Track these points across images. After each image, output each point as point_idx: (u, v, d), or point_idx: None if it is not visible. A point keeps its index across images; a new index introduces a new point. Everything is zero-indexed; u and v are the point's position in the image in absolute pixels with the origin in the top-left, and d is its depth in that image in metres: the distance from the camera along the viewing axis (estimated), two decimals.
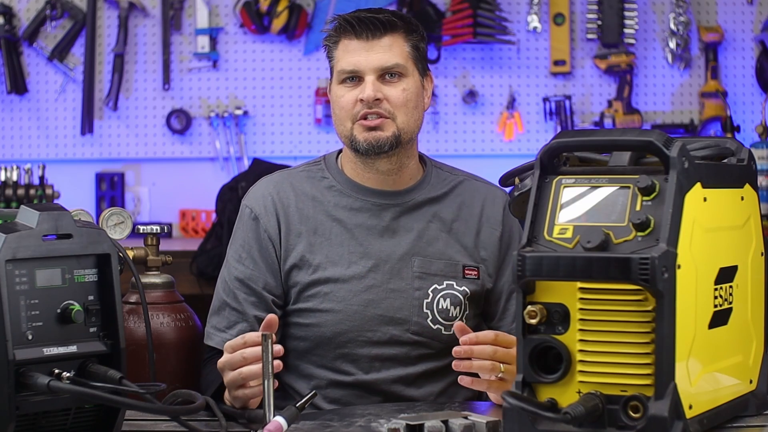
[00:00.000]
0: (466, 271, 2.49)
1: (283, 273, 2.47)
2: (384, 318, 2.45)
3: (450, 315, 2.47)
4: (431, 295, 2.47)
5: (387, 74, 2.43)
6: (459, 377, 2.19)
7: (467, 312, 2.49)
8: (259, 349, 2.10)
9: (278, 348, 2.09)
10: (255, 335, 2.15)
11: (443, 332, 2.46)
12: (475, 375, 2.19)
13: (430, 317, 2.46)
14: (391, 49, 2.43)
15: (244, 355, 2.14)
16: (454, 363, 2.18)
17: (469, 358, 2.18)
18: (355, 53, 2.43)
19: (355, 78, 2.44)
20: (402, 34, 2.45)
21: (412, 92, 2.45)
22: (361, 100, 2.41)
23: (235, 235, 2.52)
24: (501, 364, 2.17)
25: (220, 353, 2.37)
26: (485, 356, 2.16)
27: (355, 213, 2.49)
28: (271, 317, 2.12)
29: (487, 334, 2.18)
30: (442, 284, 2.48)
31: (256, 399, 2.18)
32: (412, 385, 2.48)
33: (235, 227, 2.53)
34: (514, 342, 2.14)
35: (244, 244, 2.49)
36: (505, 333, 2.22)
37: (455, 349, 2.17)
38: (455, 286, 2.48)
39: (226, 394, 2.24)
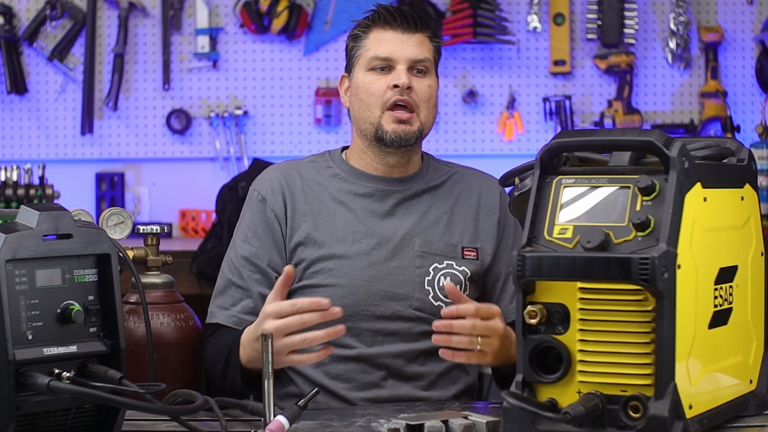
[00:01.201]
0: (465, 252, 2.55)
1: (288, 251, 2.53)
2: (387, 293, 2.50)
3: None
4: (432, 273, 2.52)
5: (416, 68, 2.53)
6: (440, 351, 2.24)
7: (467, 292, 2.53)
8: (315, 314, 2.19)
9: (338, 309, 2.20)
10: (306, 301, 2.22)
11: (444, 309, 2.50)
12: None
13: (432, 294, 2.51)
14: (421, 45, 2.54)
15: (303, 320, 2.20)
16: (433, 337, 2.23)
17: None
18: (389, 42, 2.53)
19: (385, 67, 2.52)
20: (430, 34, 2.57)
21: (434, 89, 2.56)
22: (395, 86, 2.50)
23: (243, 217, 2.58)
24: (479, 337, 2.22)
25: (220, 329, 2.48)
26: (465, 331, 2.22)
27: (359, 198, 2.56)
28: (289, 268, 2.24)
29: (468, 307, 2.24)
30: (443, 263, 2.53)
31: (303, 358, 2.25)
32: (415, 361, 2.51)
33: (243, 211, 2.59)
34: (496, 313, 2.25)
35: (250, 225, 2.55)
36: (488, 305, 2.30)
37: (435, 323, 2.23)
38: (455, 266, 2.54)
39: (243, 352, 2.32)
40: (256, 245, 2.52)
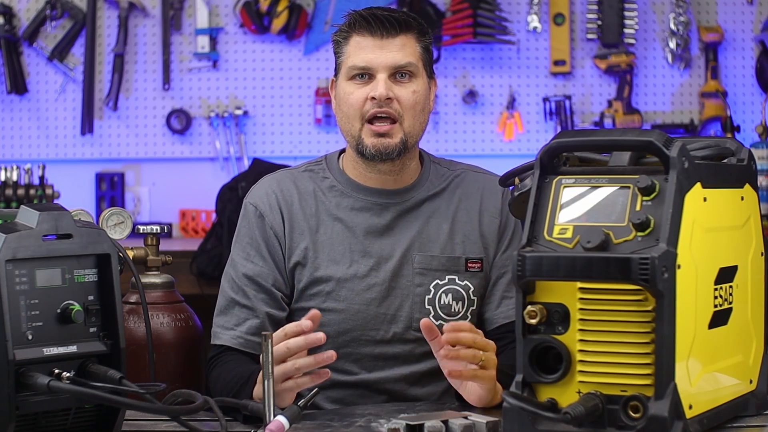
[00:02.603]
0: (469, 265, 2.48)
1: (287, 270, 2.47)
2: (386, 316, 2.46)
3: (452, 310, 2.46)
4: (433, 291, 2.46)
5: (398, 74, 2.42)
6: (448, 373, 2.17)
7: (473, 307, 2.48)
8: (301, 339, 2.11)
9: (321, 336, 2.12)
10: (293, 325, 2.14)
11: None
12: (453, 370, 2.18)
13: (432, 313, 2.46)
14: (403, 49, 2.42)
15: (288, 345, 2.12)
16: (442, 352, 2.16)
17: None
18: (367, 50, 2.42)
19: (365, 75, 2.42)
20: (415, 34, 2.45)
21: (421, 94, 2.44)
22: (373, 98, 2.40)
23: (240, 233, 2.50)
24: (480, 352, 2.15)
25: (227, 352, 2.39)
26: (467, 344, 2.15)
27: (356, 213, 2.48)
28: (315, 312, 2.16)
29: (463, 323, 2.18)
30: (444, 279, 2.47)
31: (293, 394, 2.15)
32: (416, 384, 2.48)
33: (239, 225, 2.51)
34: (492, 348, 2.17)
35: (251, 242, 2.47)
36: (486, 340, 2.20)
37: (443, 338, 2.15)
38: (457, 280, 2.47)
39: (257, 389, 2.21)
40: (259, 264, 2.46)
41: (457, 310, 2.47)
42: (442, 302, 2.46)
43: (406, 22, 2.44)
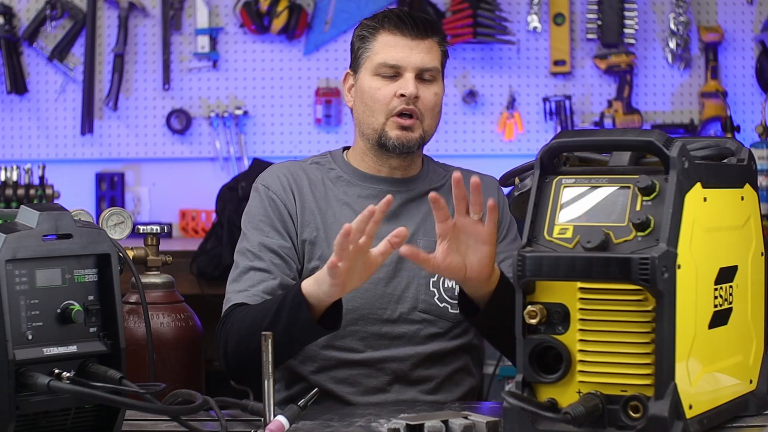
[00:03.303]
0: None
1: (299, 245, 2.50)
2: (393, 296, 2.50)
3: (456, 294, 2.49)
4: (437, 274, 2.48)
5: (423, 76, 2.50)
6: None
7: None
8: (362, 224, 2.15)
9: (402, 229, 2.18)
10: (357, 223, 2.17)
11: (450, 310, 2.50)
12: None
13: (437, 295, 2.51)
14: (430, 52, 2.51)
15: (349, 227, 2.15)
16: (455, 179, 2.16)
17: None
18: (398, 49, 2.49)
19: (393, 74, 2.50)
20: (438, 39, 2.54)
21: (440, 97, 2.53)
22: (402, 95, 2.47)
23: (251, 211, 2.53)
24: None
25: (241, 305, 2.40)
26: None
27: (364, 200, 2.53)
28: (402, 229, 2.18)
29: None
30: None
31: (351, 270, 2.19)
32: (421, 365, 2.50)
33: (250, 206, 2.54)
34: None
35: (264, 219, 2.51)
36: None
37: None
38: None
39: (306, 284, 2.24)
40: (275, 237, 2.48)
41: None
42: (445, 285, 2.51)
43: (435, 27, 2.54)
